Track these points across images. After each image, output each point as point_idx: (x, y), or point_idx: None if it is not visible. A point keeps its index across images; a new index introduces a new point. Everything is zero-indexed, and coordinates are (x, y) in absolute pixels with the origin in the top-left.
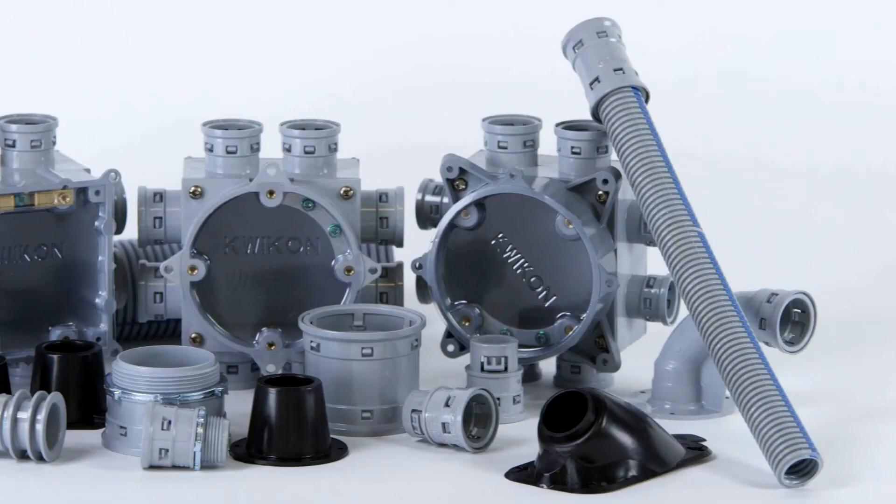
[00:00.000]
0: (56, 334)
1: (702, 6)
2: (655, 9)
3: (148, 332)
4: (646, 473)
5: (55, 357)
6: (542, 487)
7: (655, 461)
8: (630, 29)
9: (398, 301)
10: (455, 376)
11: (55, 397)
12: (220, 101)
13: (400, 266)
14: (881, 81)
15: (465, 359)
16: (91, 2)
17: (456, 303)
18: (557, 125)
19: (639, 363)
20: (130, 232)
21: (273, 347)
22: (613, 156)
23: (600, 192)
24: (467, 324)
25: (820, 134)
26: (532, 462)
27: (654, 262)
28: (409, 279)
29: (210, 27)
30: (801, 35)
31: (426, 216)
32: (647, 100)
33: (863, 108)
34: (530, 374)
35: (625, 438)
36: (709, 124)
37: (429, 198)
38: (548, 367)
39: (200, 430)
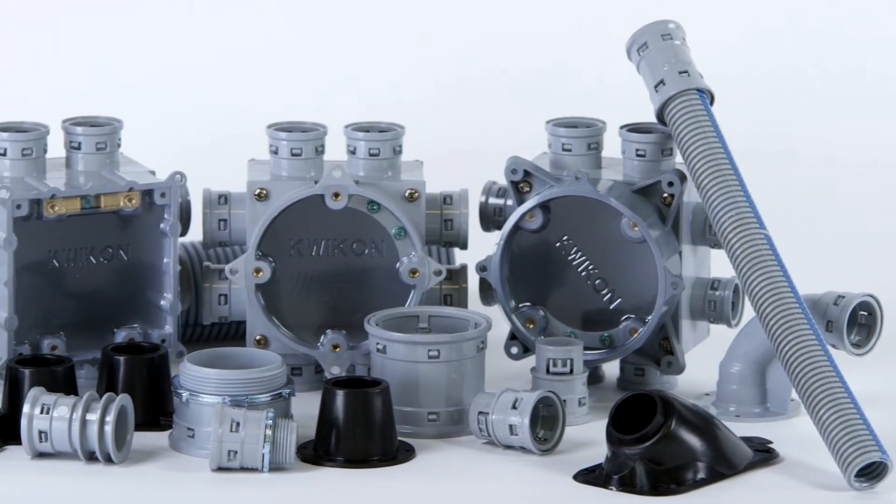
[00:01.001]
0: (121, 336)
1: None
2: (716, 7)
3: (210, 333)
4: (714, 476)
5: (122, 359)
6: (612, 489)
7: (724, 463)
8: (693, 27)
9: (462, 303)
10: (518, 378)
11: (123, 399)
12: (285, 104)
13: (464, 268)
14: None
15: (528, 361)
16: (156, 5)
17: (520, 305)
18: (622, 128)
19: (702, 365)
20: (193, 234)
21: (338, 349)
22: (677, 158)
23: (665, 195)
24: (531, 326)
25: (890, 132)
26: (600, 464)
27: (717, 264)
28: (472, 281)
29: (276, 30)
30: (872, 27)
31: (490, 218)
32: (711, 102)
33: None
34: (594, 377)
35: (693, 441)
36: (773, 122)
37: (492, 200)
38: (611, 369)
39: (269, 432)
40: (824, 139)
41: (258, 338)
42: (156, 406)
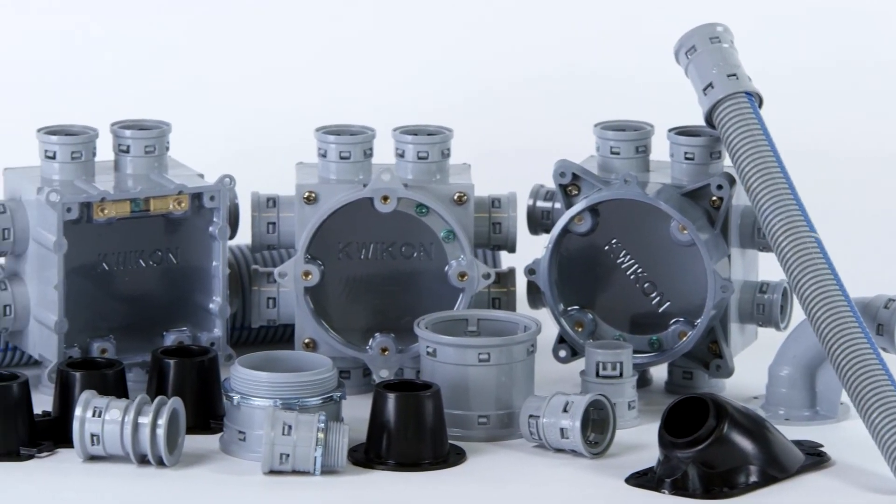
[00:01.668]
0: (170, 339)
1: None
2: (763, 7)
3: (257, 336)
4: (766, 479)
5: (172, 362)
6: (664, 493)
7: (776, 467)
8: (740, 28)
9: (511, 306)
10: (564, 382)
11: (175, 402)
12: (332, 107)
13: (512, 271)
14: None
15: (575, 364)
16: (203, 8)
17: (569, 308)
18: (670, 131)
19: (750, 369)
20: (241, 237)
21: (386, 353)
22: (725, 161)
23: (714, 198)
24: (580, 329)
25: None
26: (651, 467)
27: (764, 268)
28: (520, 284)
29: (322, 33)
30: None
31: (537, 222)
32: (760, 105)
33: None
34: (641, 380)
35: (746, 444)
36: (821, 122)
37: (540, 203)
38: (658, 372)
39: (321, 435)
40: (873, 138)
41: (307, 341)
42: (205, 409)
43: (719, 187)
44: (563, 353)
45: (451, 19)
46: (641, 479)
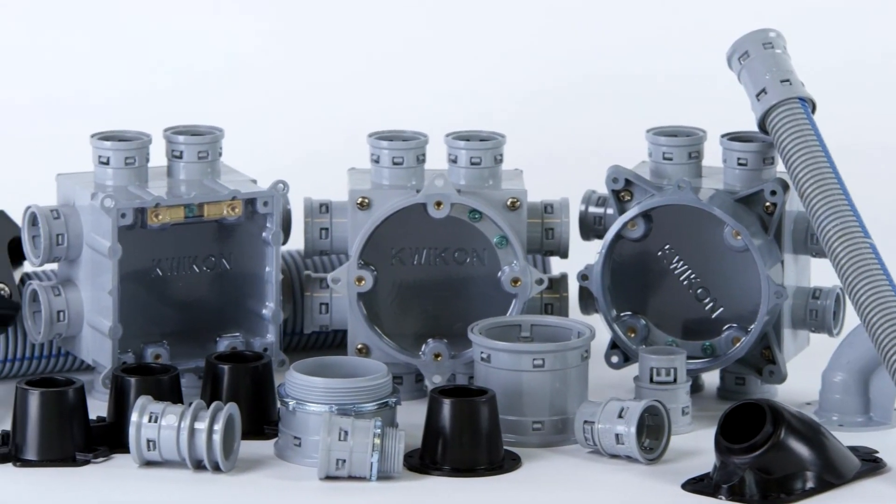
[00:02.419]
0: (223, 345)
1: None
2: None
3: (307, 342)
4: (823, 485)
5: (226, 367)
6: (721, 499)
7: (832, 473)
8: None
9: (563, 312)
10: (616, 387)
11: (231, 408)
12: (383, 112)
13: (564, 277)
14: None
15: (627, 370)
16: (257, 15)
17: (621, 314)
18: (723, 136)
19: (802, 375)
20: (293, 243)
21: (439, 358)
22: (778, 167)
23: (768, 204)
24: (633, 335)
25: None
26: (708, 473)
27: (817, 273)
28: (572, 290)
29: (376, 39)
30: None
31: (589, 227)
32: (813, 110)
33: None
34: (693, 386)
35: (802, 450)
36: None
37: (592, 209)
38: (710, 378)
39: (377, 441)
40: None
41: (360, 346)
42: (259, 414)
43: (773, 193)
44: (615, 359)
45: (503, 24)
46: (698, 485)
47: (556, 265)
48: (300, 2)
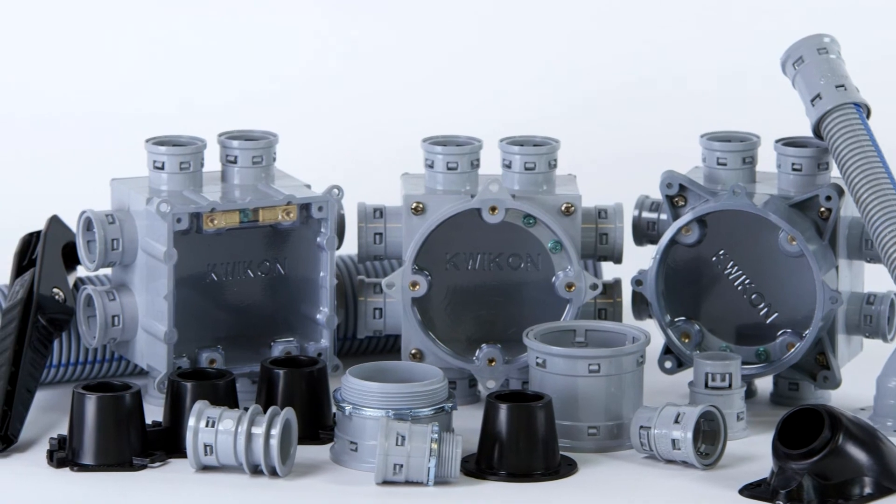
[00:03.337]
0: (278, 350)
1: None
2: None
3: (360, 347)
4: (881, 490)
5: (281, 372)
6: None
7: (890, 478)
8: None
9: (617, 317)
10: (668, 393)
11: (288, 412)
12: (435, 117)
13: (618, 282)
14: None
15: (679, 375)
16: (311, 20)
17: (675, 319)
18: (777, 142)
19: (856, 380)
20: (346, 248)
21: (493, 363)
22: (833, 172)
23: (823, 209)
24: (687, 340)
25: None
26: (765, 479)
27: (870, 279)
28: (625, 295)
29: (429, 44)
30: None
31: (643, 232)
32: (868, 116)
33: None
34: (746, 391)
35: (860, 455)
36: None
37: (646, 214)
38: (763, 384)
39: (435, 446)
40: None
41: (413, 352)
42: (314, 419)
43: (828, 198)
44: (668, 364)
45: (556, 28)
46: (755, 491)
47: (608, 270)
48: (355, 9)
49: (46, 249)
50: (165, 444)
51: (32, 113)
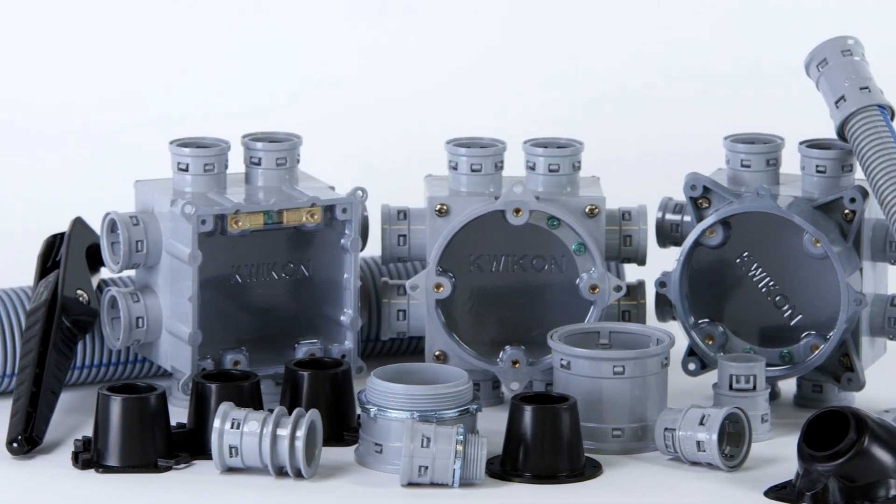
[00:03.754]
0: (301, 352)
1: None
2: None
3: (382, 348)
4: None
5: (306, 374)
6: None
7: None
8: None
9: (640, 319)
10: (691, 394)
11: (313, 414)
12: (457, 119)
13: (642, 284)
14: None
15: (703, 377)
16: (334, 23)
17: (699, 321)
18: (801, 143)
19: (880, 382)
20: (370, 250)
21: (517, 365)
22: (857, 174)
23: (847, 211)
24: (711, 342)
25: None
26: (790, 481)
27: (894, 281)
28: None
29: (452, 46)
30: None
31: (666, 234)
32: (892, 118)
33: None
34: (770, 393)
35: (885, 457)
36: None
37: (669, 216)
38: (786, 386)
39: (460, 448)
40: None
41: (437, 353)
42: (339, 421)
43: (852, 200)
44: (692, 366)
45: (579, 29)
46: (781, 493)
47: (630, 272)
48: (378, 11)
49: (70, 251)
50: (190, 445)
51: (57, 115)
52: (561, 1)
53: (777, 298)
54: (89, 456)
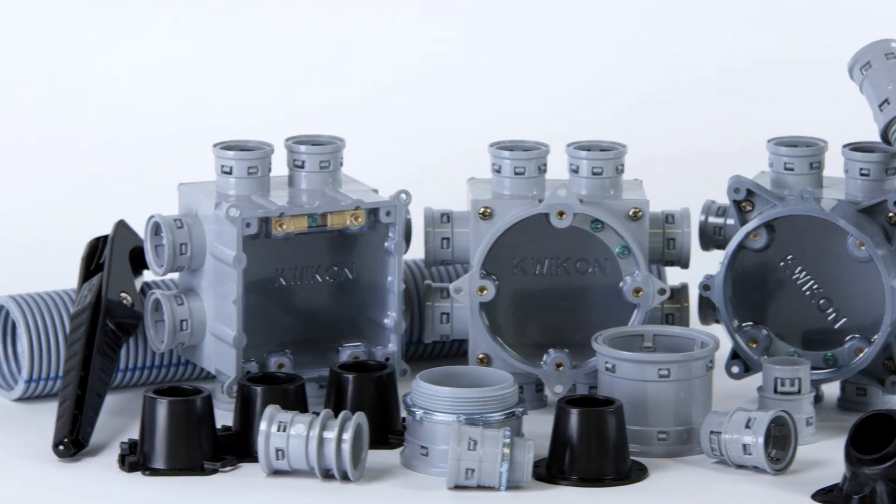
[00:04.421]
0: (345, 354)
1: None
2: None
3: (425, 351)
4: None
5: (350, 377)
6: None
7: None
8: None
9: (684, 322)
10: (735, 397)
11: (360, 417)
12: (499, 122)
13: (685, 287)
14: None
15: (746, 380)
16: (379, 25)
17: (743, 324)
18: (845, 146)
19: None
20: (413, 252)
21: (561, 368)
22: None
23: (891, 214)
24: (754, 345)
25: None
26: (837, 484)
27: None
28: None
29: (495, 49)
30: None
31: (710, 237)
32: None
33: None
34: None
35: None
36: None
37: (712, 219)
38: (830, 389)
39: (507, 451)
40: None
41: (481, 356)
42: (384, 424)
43: None
44: (736, 369)
45: (622, 30)
46: (828, 496)
47: (672, 274)
48: (421, 15)
49: (114, 254)
50: (236, 448)
51: (101, 118)
52: (602, 2)
53: (821, 301)
54: (135, 458)
